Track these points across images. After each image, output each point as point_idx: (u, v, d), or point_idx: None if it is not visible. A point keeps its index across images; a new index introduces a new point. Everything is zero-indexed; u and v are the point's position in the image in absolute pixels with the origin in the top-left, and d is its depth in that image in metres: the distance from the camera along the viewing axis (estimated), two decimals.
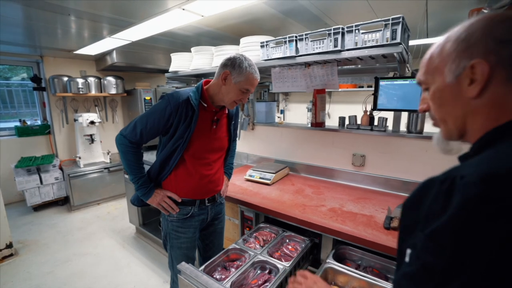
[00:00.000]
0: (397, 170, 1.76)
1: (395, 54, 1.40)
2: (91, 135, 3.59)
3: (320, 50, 1.56)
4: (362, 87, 4.13)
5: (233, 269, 1.23)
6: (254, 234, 1.49)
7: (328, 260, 1.19)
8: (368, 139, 1.88)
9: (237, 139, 1.66)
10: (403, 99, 1.65)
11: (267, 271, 1.22)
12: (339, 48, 1.48)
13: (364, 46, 1.40)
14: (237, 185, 1.94)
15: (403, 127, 1.78)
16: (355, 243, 1.25)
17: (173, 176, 1.28)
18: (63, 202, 3.65)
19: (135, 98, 3.76)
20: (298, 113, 5.27)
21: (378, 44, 1.36)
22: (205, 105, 1.23)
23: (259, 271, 1.23)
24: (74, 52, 3.25)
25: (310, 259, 1.41)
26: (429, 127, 1.76)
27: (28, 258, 2.46)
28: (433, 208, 0.40)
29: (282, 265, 1.19)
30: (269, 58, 1.83)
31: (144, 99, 3.61)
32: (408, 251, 0.43)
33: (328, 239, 1.39)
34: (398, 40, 1.30)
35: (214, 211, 1.44)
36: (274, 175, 1.99)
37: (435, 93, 0.53)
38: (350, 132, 1.93)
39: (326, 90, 2.03)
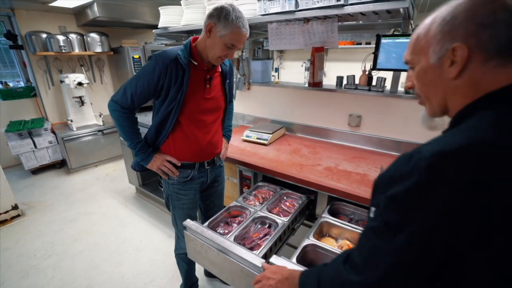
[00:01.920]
0: (392, 130, 1.80)
1: (400, 10, 1.33)
2: (80, 97, 3.47)
3: (322, 5, 1.46)
4: (360, 44, 3.97)
5: (235, 225, 1.31)
6: (254, 192, 1.57)
7: (323, 215, 1.29)
8: (365, 99, 1.88)
9: (233, 100, 1.63)
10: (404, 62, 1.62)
11: (267, 226, 1.32)
12: (342, 2, 1.39)
13: (368, 0, 1.32)
14: (234, 145, 1.98)
15: (401, 87, 1.78)
16: (349, 199, 1.34)
17: (171, 140, 1.28)
18: (60, 165, 3.68)
19: (122, 57, 3.55)
20: (293, 71, 5.12)
21: None
22: (196, 63, 1.18)
23: (259, 226, 1.32)
24: (50, 4, 2.96)
25: (306, 214, 1.52)
26: None
27: (36, 218, 2.57)
28: (395, 176, 0.48)
29: (281, 220, 1.28)
30: (267, 12, 1.71)
31: (133, 57, 3.41)
32: (373, 209, 0.52)
33: (323, 196, 1.48)
34: None
35: (214, 174, 1.47)
36: (271, 135, 2.02)
37: (420, 72, 0.57)
38: (348, 92, 1.92)
39: (324, 47, 1.95)
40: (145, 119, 2.41)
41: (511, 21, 0.46)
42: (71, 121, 3.46)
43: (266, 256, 1.09)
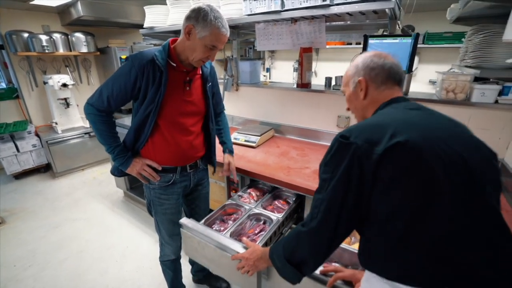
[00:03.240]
0: None
1: (386, 10, 1.31)
2: (65, 99, 3.37)
3: (308, 4, 1.43)
4: (351, 44, 3.97)
5: (230, 222, 1.34)
6: (248, 190, 1.57)
7: None
8: None
9: (223, 110, 1.57)
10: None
11: (261, 222, 1.36)
12: (328, 2, 1.36)
13: (354, 0, 1.29)
14: (220, 148, 1.93)
15: None
16: None
17: (150, 144, 1.23)
18: (45, 169, 3.57)
19: (110, 57, 3.46)
20: (284, 71, 5.09)
21: None
22: (174, 64, 1.14)
23: (254, 222, 1.36)
24: (31, 3, 2.86)
25: (294, 217, 1.49)
26: (414, 88, 1.75)
27: (18, 225, 2.47)
28: (327, 151, 0.73)
29: (276, 216, 1.33)
30: (252, 12, 1.68)
31: (120, 58, 3.33)
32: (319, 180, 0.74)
33: (311, 199, 1.45)
34: None
35: (197, 177, 1.43)
36: (259, 137, 1.98)
37: (348, 97, 0.89)
38: (337, 93, 1.89)
39: (313, 48, 1.93)
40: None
41: (383, 67, 0.80)
42: (56, 123, 3.36)
43: None
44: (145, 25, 2.27)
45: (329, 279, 0.91)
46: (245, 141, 1.99)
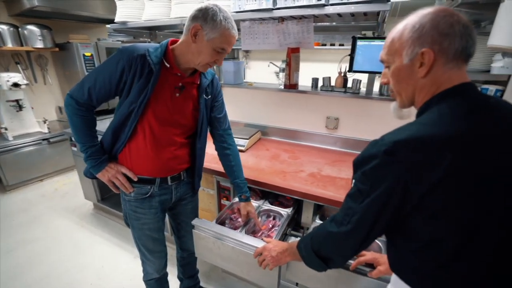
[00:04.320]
0: (369, 131, 1.82)
1: (381, 12, 1.31)
2: (17, 101, 2.94)
3: (302, 3, 1.38)
4: (325, 45, 4.04)
5: (240, 220, 1.35)
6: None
7: (316, 220, 1.34)
8: (342, 101, 1.87)
9: (232, 133, 1.42)
10: (379, 61, 1.62)
11: (271, 218, 1.41)
12: (323, 1, 1.33)
13: (351, 1, 1.28)
14: (209, 153, 1.80)
15: (376, 89, 1.80)
16: (336, 207, 1.29)
17: (128, 150, 1.10)
18: None
19: (71, 54, 3.10)
20: (259, 71, 5.07)
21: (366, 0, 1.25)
22: (168, 65, 1.02)
23: (265, 218, 1.41)
24: None
25: (292, 224, 1.44)
26: None
27: None
28: (365, 157, 0.63)
29: (285, 211, 1.39)
30: (242, 10, 1.59)
31: (84, 55, 3.00)
32: (354, 181, 0.68)
33: (309, 204, 1.41)
34: None
35: (180, 191, 1.27)
36: (247, 141, 1.90)
37: (395, 71, 0.67)
38: (324, 94, 1.88)
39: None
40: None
41: (464, 32, 0.58)
42: (6, 129, 2.92)
43: None
44: (116, 19, 2.05)
45: (352, 263, 0.95)
46: None
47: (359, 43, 1.64)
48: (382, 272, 0.92)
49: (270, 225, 1.33)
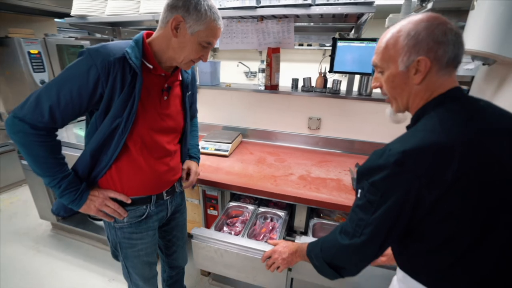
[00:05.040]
0: (351, 131, 1.86)
1: (365, 14, 1.33)
2: None
3: (287, 2, 1.34)
4: (303, 45, 4.10)
5: (238, 224, 1.36)
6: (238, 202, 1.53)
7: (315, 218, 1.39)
8: (323, 101, 1.88)
9: (196, 114, 1.34)
10: (358, 62, 1.67)
11: (269, 220, 1.42)
12: (309, 1, 1.31)
13: (337, 2, 1.27)
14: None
15: (355, 89, 1.85)
16: (334, 209, 1.28)
17: (115, 171, 0.93)
18: None
19: (12, 51, 2.65)
20: (227, 71, 4.95)
21: (351, 1, 1.26)
22: (151, 66, 0.88)
23: (263, 221, 1.41)
24: None
25: (286, 228, 1.40)
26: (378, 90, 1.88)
27: None
28: (373, 167, 0.63)
29: (282, 212, 1.41)
30: (222, 7, 1.50)
31: (29, 52, 2.59)
32: (359, 191, 0.68)
33: (301, 207, 1.39)
34: None
35: (174, 204, 1.17)
36: (230, 145, 1.82)
37: (389, 77, 0.68)
38: (306, 95, 1.88)
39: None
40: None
41: (455, 40, 0.60)
42: None
43: None
44: (73, 12, 1.80)
45: None
46: (216, 150, 1.79)
47: (339, 44, 1.66)
48: (384, 262, 0.97)
49: (270, 227, 1.33)
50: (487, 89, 1.34)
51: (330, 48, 1.65)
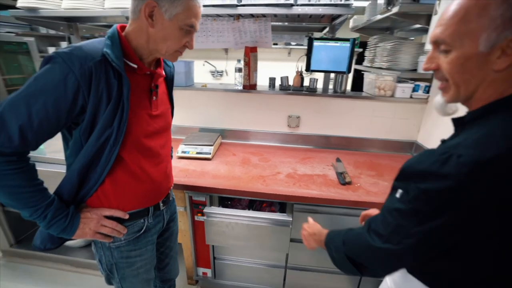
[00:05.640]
0: (329, 127, 1.94)
1: (343, 15, 1.39)
2: None
3: (270, 2, 1.34)
4: (276, 44, 4.11)
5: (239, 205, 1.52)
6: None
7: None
8: (301, 100, 1.92)
9: None
10: (333, 61, 1.74)
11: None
12: (291, 1, 1.32)
13: (318, 3, 1.31)
14: (174, 166, 1.60)
15: (331, 86, 1.93)
16: (326, 204, 1.32)
17: (109, 186, 0.84)
18: None
19: None
20: (195, 71, 4.79)
21: (331, 3, 1.30)
22: (135, 66, 0.79)
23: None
24: None
25: None
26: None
27: None
28: (429, 172, 0.51)
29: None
30: (202, 4, 1.43)
31: None
32: (400, 191, 0.57)
33: (291, 204, 1.41)
34: (351, 1, 1.28)
35: (169, 212, 1.10)
36: (212, 147, 1.76)
37: (460, 58, 0.51)
38: (284, 93, 1.91)
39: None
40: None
41: None
42: None
43: None
44: (19, 4, 1.55)
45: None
46: (198, 153, 1.71)
47: (316, 43, 1.71)
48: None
49: (269, 203, 1.53)
50: None
51: (295, 47, 1.70)
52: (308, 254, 1.49)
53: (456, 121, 0.61)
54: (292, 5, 1.34)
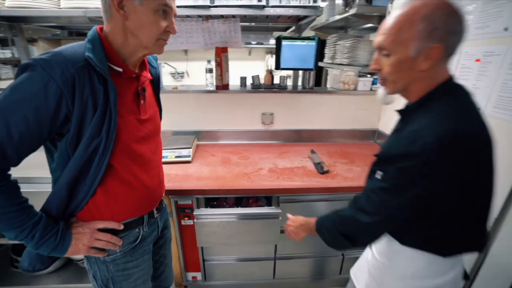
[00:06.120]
0: (301, 122, 2.05)
1: (311, 16, 1.49)
2: None
3: (242, 3, 1.37)
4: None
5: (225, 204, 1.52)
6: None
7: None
8: (273, 97, 2.00)
9: None
10: (301, 59, 1.85)
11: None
12: (263, 3, 1.37)
13: (288, 4, 1.38)
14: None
15: (300, 83, 2.04)
16: (310, 193, 1.42)
17: (101, 197, 0.80)
18: None
19: None
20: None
21: (301, 4, 1.39)
22: (120, 69, 0.76)
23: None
24: None
25: None
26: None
27: None
28: (402, 153, 0.64)
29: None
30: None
31: None
32: (380, 173, 0.71)
33: (275, 197, 1.47)
34: (319, 3, 1.38)
35: (163, 219, 1.07)
36: (191, 150, 1.73)
37: (396, 61, 0.67)
38: (256, 92, 1.96)
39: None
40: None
41: (463, 30, 0.62)
42: None
43: None
44: None
45: None
46: (177, 157, 1.68)
47: (284, 43, 1.80)
48: None
49: (254, 199, 1.54)
50: None
51: (256, 46, 1.77)
52: (295, 243, 1.57)
53: (402, 111, 0.77)
54: (264, 6, 1.39)
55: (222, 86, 1.90)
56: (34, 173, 1.31)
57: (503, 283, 1.15)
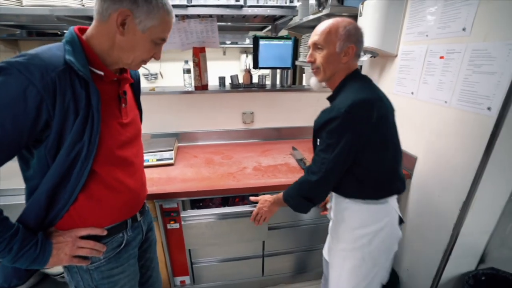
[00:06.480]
0: (280, 120, 2.09)
1: (287, 15, 1.53)
2: None
3: (221, 2, 1.37)
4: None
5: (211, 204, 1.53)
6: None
7: None
8: (253, 96, 2.02)
9: None
10: (279, 58, 1.88)
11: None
12: (241, 3, 1.38)
13: (266, 4, 1.40)
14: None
15: (278, 82, 2.07)
16: None
17: (84, 203, 0.76)
18: None
19: None
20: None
21: (278, 4, 1.42)
22: (101, 73, 0.73)
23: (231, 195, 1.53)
24: None
25: None
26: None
27: None
28: (327, 120, 0.88)
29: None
30: None
31: None
32: (318, 140, 0.95)
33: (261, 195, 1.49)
34: (295, 3, 1.42)
35: (147, 221, 1.05)
36: (173, 152, 1.70)
37: (326, 55, 0.93)
38: (236, 91, 1.96)
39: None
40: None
41: (363, 41, 0.95)
42: None
43: None
44: None
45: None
46: (158, 160, 1.63)
47: (261, 42, 1.82)
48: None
49: (240, 197, 1.57)
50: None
51: (230, 46, 1.79)
52: (281, 239, 1.61)
53: (329, 98, 1.03)
54: (242, 6, 1.40)
55: (201, 87, 1.88)
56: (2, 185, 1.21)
57: (472, 261, 1.27)
